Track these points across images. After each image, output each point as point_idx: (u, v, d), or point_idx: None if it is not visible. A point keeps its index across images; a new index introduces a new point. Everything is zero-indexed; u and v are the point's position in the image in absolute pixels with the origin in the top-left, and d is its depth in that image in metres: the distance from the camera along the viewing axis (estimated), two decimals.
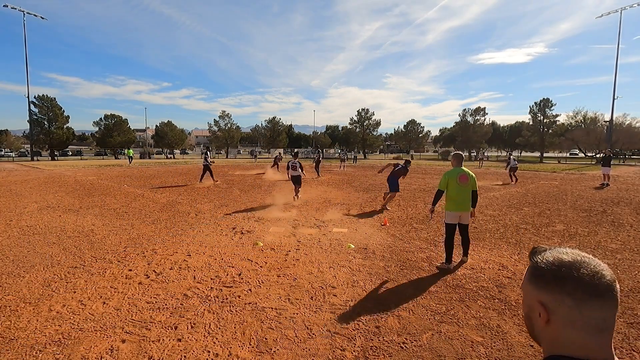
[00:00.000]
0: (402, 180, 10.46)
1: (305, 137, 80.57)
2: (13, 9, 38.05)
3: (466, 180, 4.89)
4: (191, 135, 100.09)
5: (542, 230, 7.06)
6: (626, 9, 37.31)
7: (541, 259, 0.73)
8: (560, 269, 0.69)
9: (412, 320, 3.39)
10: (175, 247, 5.76)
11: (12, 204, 9.97)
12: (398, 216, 8.49)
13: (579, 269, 0.67)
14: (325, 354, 2.85)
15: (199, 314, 3.48)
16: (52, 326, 3.24)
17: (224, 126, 62.21)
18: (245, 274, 4.59)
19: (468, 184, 4.89)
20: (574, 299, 0.66)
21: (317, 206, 9.80)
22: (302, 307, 3.65)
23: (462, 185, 4.87)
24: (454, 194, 4.88)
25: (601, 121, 48.30)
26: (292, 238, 6.37)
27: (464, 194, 4.87)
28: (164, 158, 54.85)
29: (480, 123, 58.32)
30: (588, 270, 0.67)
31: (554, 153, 64.41)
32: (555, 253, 0.72)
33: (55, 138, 46.25)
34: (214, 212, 8.89)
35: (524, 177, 19.80)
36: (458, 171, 4.94)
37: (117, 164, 33.32)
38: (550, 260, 0.71)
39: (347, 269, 4.77)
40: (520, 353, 2.87)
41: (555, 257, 0.71)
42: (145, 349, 2.88)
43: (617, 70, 38.47)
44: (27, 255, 5.36)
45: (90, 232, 6.74)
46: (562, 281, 0.68)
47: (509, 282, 4.36)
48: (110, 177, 18.57)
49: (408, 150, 66.86)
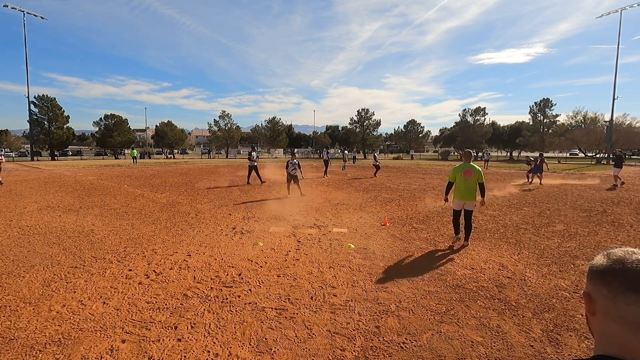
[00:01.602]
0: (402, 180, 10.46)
1: (305, 137, 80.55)
2: (13, 9, 38.08)
3: (470, 174, 5.65)
4: (191, 135, 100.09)
5: (542, 230, 7.06)
6: (626, 9, 37.32)
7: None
8: (606, 262, 0.71)
9: (412, 320, 3.39)
10: (175, 247, 5.76)
11: (12, 204, 9.97)
12: (398, 216, 8.49)
13: (623, 262, 0.68)
14: (325, 354, 2.85)
15: (199, 314, 3.48)
16: (52, 326, 3.24)
17: (224, 126, 62.18)
18: (245, 274, 4.59)
19: (472, 178, 5.64)
20: (609, 289, 0.68)
21: (317, 206, 9.80)
22: (302, 307, 3.65)
23: (466, 179, 5.67)
24: (460, 185, 5.74)
25: (601, 121, 48.29)
26: (292, 238, 6.37)
27: (468, 186, 5.66)
28: (164, 158, 54.86)
29: (480, 123, 58.29)
30: (630, 265, 0.67)
31: (554, 153, 64.41)
32: (610, 250, 0.74)
33: (55, 138, 46.24)
34: (214, 212, 8.89)
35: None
36: (464, 166, 5.74)
37: (117, 164, 33.33)
38: (600, 256, 0.74)
39: (347, 269, 4.77)
40: (520, 353, 2.87)
41: (607, 252, 0.74)
42: (145, 349, 2.88)
43: (617, 70, 38.49)
44: (27, 255, 5.36)
45: (90, 232, 6.74)
46: (603, 271, 0.71)
47: (509, 282, 4.36)
48: (110, 177, 18.58)
49: (408, 150, 66.85)
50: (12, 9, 37.98)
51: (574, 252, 5.59)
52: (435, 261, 5.12)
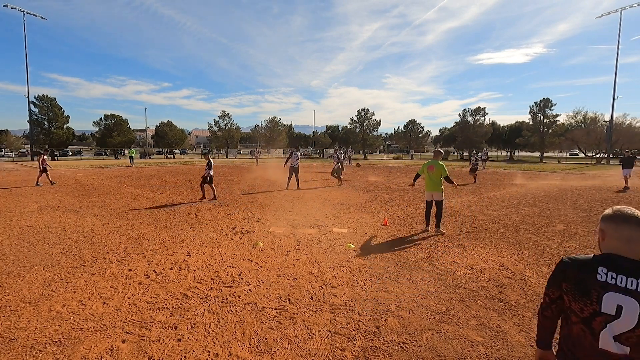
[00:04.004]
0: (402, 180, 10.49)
1: (306, 137, 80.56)
2: (13, 9, 38.07)
3: (433, 169, 6.66)
4: (191, 135, 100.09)
5: (542, 230, 7.06)
6: (626, 9, 37.33)
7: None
8: (612, 212, 1.36)
9: (412, 320, 3.39)
10: (175, 247, 5.76)
11: (12, 204, 9.97)
12: (398, 216, 8.49)
13: (621, 211, 1.34)
14: (325, 354, 2.85)
15: (199, 314, 3.48)
16: (52, 326, 3.24)
17: (224, 126, 62.19)
18: (245, 274, 4.59)
19: (435, 172, 6.62)
20: (616, 224, 1.32)
21: (317, 206, 9.80)
22: (302, 307, 3.65)
23: (430, 173, 6.70)
24: (427, 179, 6.79)
25: (601, 121, 48.27)
26: (292, 238, 6.37)
27: (433, 179, 6.64)
28: (164, 158, 54.85)
29: (480, 123, 58.28)
30: (623, 212, 1.33)
31: (554, 153, 64.39)
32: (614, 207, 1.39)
33: (55, 138, 46.25)
34: (214, 212, 8.89)
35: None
36: (430, 162, 6.80)
37: (117, 164, 33.33)
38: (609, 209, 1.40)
39: (347, 269, 4.77)
40: (520, 353, 2.87)
41: (612, 208, 1.39)
42: (145, 349, 2.88)
43: (617, 70, 38.50)
44: (27, 255, 5.36)
45: (90, 232, 6.74)
46: (612, 215, 1.35)
47: (509, 282, 4.36)
48: (110, 177, 18.58)
49: (408, 150, 66.84)
50: (12, 9, 37.97)
51: (574, 252, 5.59)
52: (435, 261, 5.12)
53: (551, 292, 1.46)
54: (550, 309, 1.49)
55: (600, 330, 1.27)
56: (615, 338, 1.24)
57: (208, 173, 10.56)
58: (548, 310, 1.50)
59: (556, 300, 1.45)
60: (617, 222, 1.31)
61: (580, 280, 1.32)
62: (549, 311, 1.50)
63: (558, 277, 1.41)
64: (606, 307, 1.25)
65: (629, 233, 1.27)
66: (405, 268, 4.84)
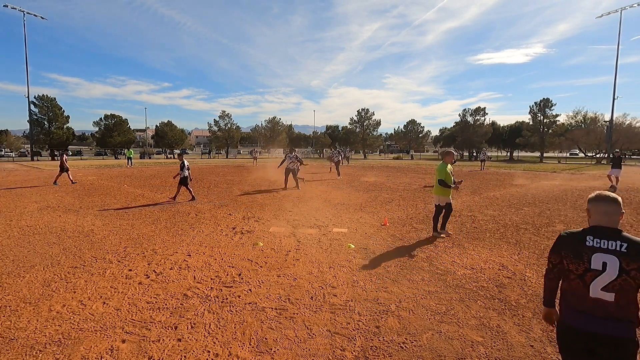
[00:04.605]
0: (402, 180, 10.49)
1: (306, 137, 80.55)
2: (13, 9, 38.10)
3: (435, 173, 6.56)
4: (191, 135, 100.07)
5: (542, 230, 7.06)
6: (626, 9, 37.34)
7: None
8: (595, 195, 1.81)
9: (412, 320, 3.39)
10: (175, 247, 5.76)
11: (12, 204, 9.97)
12: (398, 216, 8.49)
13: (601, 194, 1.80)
14: (325, 354, 2.85)
15: (199, 314, 3.48)
16: (52, 326, 3.24)
17: (224, 126, 62.20)
18: (245, 274, 4.59)
19: (435, 176, 6.47)
20: (596, 203, 1.79)
21: (317, 206, 9.80)
22: (302, 307, 3.65)
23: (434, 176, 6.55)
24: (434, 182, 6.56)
25: (601, 121, 48.29)
26: (292, 238, 6.37)
27: (435, 183, 6.43)
28: (163, 158, 54.85)
29: (480, 123, 58.29)
30: (601, 194, 1.79)
31: (554, 153, 64.39)
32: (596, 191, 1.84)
33: (55, 138, 46.26)
34: (214, 212, 8.89)
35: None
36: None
37: (117, 164, 33.32)
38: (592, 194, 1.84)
39: (347, 269, 4.77)
40: (520, 353, 2.87)
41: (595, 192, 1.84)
42: (145, 349, 2.88)
43: (617, 70, 38.50)
44: (27, 255, 5.36)
45: (90, 232, 6.74)
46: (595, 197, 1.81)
47: (509, 282, 4.36)
48: (110, 177, 18.58)
49: (408, 150, 66.84)
50: (12, 9, 38.03)
51: None
52: (435, 261, 5.12)
53: (553, 258, 1.90)
54: (553, 272, 1.93)
55: (590, 282, 1.70)
56: (603, 288, 1.67)
57: (182, 174, 10.27)
58: (551, 273, 1.94)
59: (557, 265, 1.88)
60: (597, 201, 1.79)
61: (574, 247, 1.77)
62: (552, 274, 1.94)
63: (558, 246, 1.85)
64: (595, 265, 1.69)
65: (605, 208, 1.75)
66: (405, 268, 4.84)
